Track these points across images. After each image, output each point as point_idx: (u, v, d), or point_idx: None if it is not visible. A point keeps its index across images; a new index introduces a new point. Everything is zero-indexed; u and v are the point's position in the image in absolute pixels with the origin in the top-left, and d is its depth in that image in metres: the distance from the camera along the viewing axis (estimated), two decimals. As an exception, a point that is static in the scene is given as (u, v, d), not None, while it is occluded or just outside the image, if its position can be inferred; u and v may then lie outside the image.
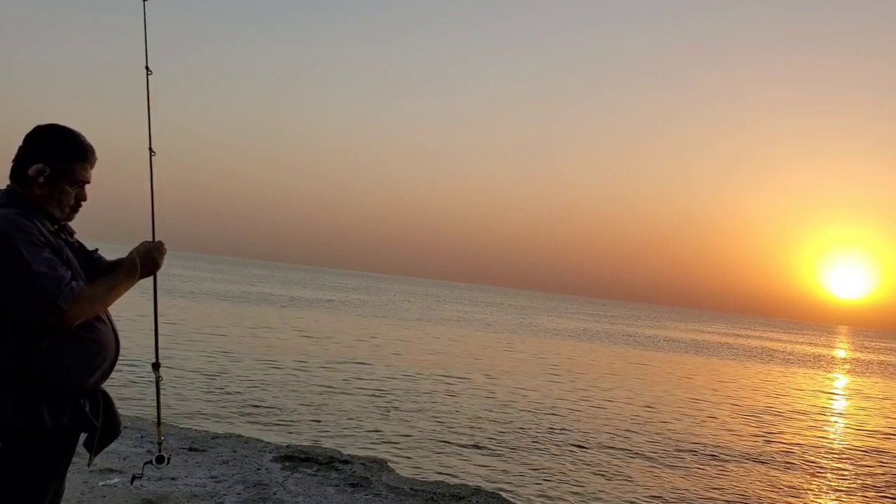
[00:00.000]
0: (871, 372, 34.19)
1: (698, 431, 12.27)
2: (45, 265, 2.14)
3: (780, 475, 9.66)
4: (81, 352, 2.26)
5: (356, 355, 17.82)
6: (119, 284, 2.32)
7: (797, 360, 36.98)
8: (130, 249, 2.49)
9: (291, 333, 21.70)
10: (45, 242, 2.20)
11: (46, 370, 2.19)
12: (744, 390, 19.95)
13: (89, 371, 2.29)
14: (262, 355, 15.81)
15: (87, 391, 2.33)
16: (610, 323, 58.61)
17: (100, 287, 2.27)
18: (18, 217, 2.19)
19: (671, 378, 21.02)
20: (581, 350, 28.27)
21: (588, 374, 19.50)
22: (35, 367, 2.18)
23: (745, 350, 41.26)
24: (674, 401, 15.91)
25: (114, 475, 5.36)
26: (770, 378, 24.95)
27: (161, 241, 2.56)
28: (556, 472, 8.53)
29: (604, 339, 37.01)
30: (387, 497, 5.93)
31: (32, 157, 2.29)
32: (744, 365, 29.78)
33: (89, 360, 2.28)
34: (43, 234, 2.22)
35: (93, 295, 2.22)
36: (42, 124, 2.36)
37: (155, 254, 2.47)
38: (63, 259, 2.24)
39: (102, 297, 2.26)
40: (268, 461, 6.53)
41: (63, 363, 2.22)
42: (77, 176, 2.34)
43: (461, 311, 49.73)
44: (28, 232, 2.17)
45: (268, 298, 38.66)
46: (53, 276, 2.14)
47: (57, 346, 2.21)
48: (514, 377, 16.94)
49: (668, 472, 9.15)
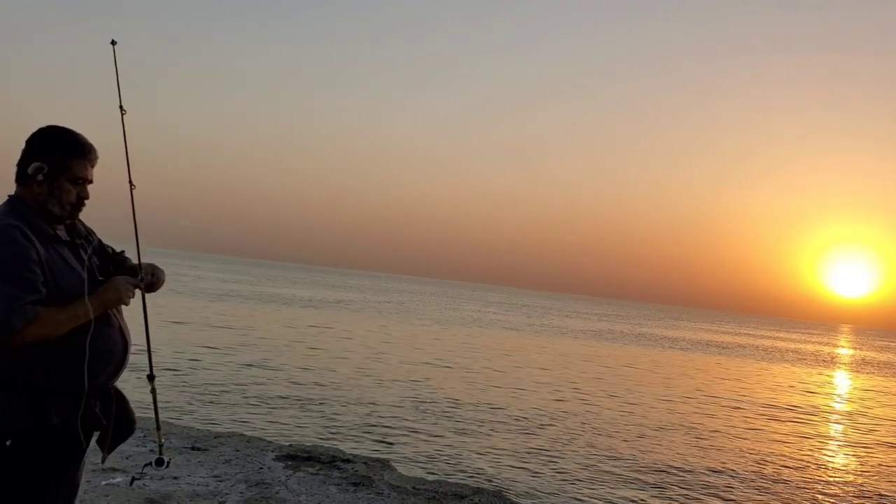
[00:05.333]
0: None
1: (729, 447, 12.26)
2: (6, 285, 2.13)
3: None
4: (85, 352, 2.26)
5: (361, 355, 17.83)
6: (80, 315, 2.27)
7: (850, 365, 36.80)
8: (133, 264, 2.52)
9: (293, 333, 21.71)
10: (22, 261, 2.18)
11: (48, 371, 2.20)
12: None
13: (94, 371, 2.29)
14: (264, 355, 15.83)
15: (97, 391, 2.33)
16: (623, 323, 58.62)
17: (61, 314, 2.23)
18: (3, 231, 2.19)
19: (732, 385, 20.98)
20: (601, 350, 28.28)
21: (607, 377, 19.50)
22: (36, 368, 2.19)
23: (782, 353, 40.93)
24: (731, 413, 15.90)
25: (116, 474, 5.37)
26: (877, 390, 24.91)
27: (152, 267, 2.54)
28: (560, 471, 8.53)
29: (627, 340, 37.02)
30: (389, 496, 5.94)
31: (32, 156, 2.33)
32: (803, 370, 29.76)
33: (93, 360, 2.28)
34: (28, 247, 2.20)
35: (52, 320, 2.20)
36: (42, 126, 2.39)
37: (122, 292, 2.41)
38: (44, 273, 2.22)
39: (61, 323, 2.22)
40: (270, 460, 6.54)
41: (64, 364, 2.22)
42: (75, 172, 2.35)
43: (469, 311, 49.75)
44: (4, 245, 2.17)
45: (275, 298, 38.68)
46: (9, 295, 2.13)
47: (58, 348, 2.21)
48: (516, 372, 16.94)
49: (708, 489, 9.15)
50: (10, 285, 2.15)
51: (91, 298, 2.31)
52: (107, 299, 2.36)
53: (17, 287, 2.16)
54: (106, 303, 2.35)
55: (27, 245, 2.21)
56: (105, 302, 2.35)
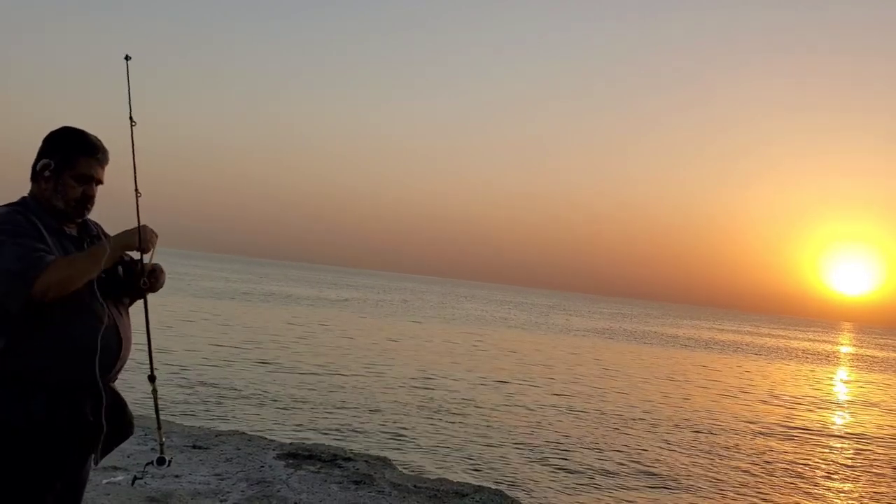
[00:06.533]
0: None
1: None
2: (18, 247, 2.17)
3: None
4: (75, 349, 2.24)
5: (362, 353, 17.84)
6: (99, 254, 2.29)
7: (860, 364, 36.72)
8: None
9: (294, 332, 21.71)
10: (29, 233, 2.23)
11: (39, 366, 2.19)
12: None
13: (84, 368, 2.27)
14: (265, 353, 15.84)
15: (87, 388, 2.31)
16: (626, 321, 58.60)
17: (78, 256, 2.28)
18: (8, 213, 2.27)
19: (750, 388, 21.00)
20: (605, 347, 28.28)
21: (602, 373, 19.50)
22: (26, 363, 2.18)
23: (788, 351, 40.85)
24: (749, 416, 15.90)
25: (118, 473, 5.37)
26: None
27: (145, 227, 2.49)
28: (562, 470, 8.53)
29: (631, 339, 37.03)
30: (390, 494, 5.94)
31: (43, 154, 2.40)
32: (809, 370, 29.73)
33: (84, 356, 2.26)
34: (36, 228, 2.26)
35: (70, 263, 2.22)
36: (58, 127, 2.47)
37: (133, 231, 2.42)
38: (51, 248, 2.26)
39: (80, 264, 2.25)
40: (271, 459, 6.54)
41: (55, 359, 2.21)
42: (81, 170, 2.37)
43: (470, 309, 49.74)
44: (10, 223, 2.22)
45: (276, 297, 38.69)
46: (22, 252, 2.16)
47: (49, 342, 2.20)
48: (522, 369, 16.95)
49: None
50: (23, 238, 2.20)
51: (113, 237, 2.39)
52: (127, 239, 2.39)
53: (31, 238, 2.22)
54: (127, 243, 2.39)
55: (30, 226, 2.27)
56: (126, 242, 2.38)
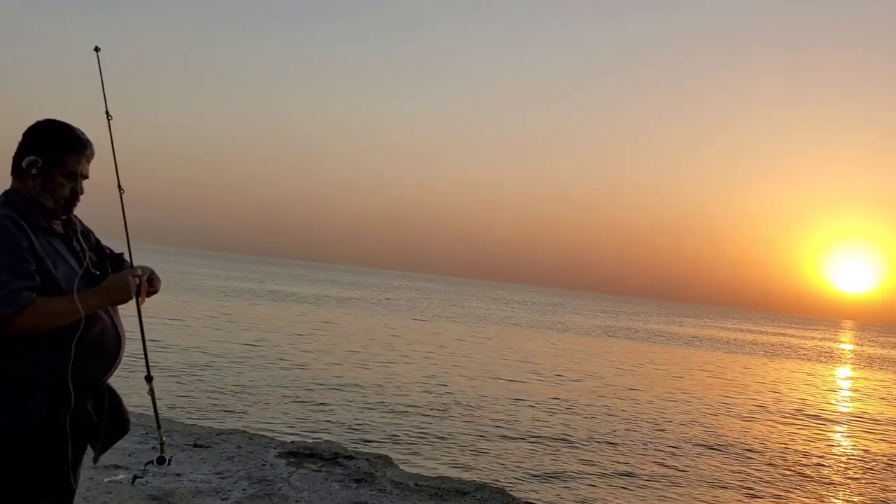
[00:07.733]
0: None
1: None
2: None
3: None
4: (76, 347, 2.23)
5: (363, 352, 17.84)
6: (75, 310, 2.22)
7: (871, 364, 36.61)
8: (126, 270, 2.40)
9: (295, 330, 21.72)
10: (13, 249, 2.16)
11: (39, 365, 2.18)
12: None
13: (86, 367, 2.26)
14: (266, 351, 15.84)
15: (89, 387, 2.30)
16: (629, 319, 58.59)
17: (56, 304, 2.20)
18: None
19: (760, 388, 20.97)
20: (611, 347, 28.28)
21: (604, 371, 19.49)
22: (26, 362, 2.17)
23: (798, 350, 40.70)
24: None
25: (119, 471, 5.37)
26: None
27: (147, 269, 2.45)
28: (563, 469, 8.53)
29: (635, 337, 37.01)
30: (391, 492, 5.93)
31: (27, 150, 2.32)
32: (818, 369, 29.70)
33: (86, 355, 2.25)
34: (24, 233, 2.19)
35: (49, 309, 2.17)
36: (39, 120, 2.37)
37: (127, 282, 2.34)
38: (37, 262, 2.19)
39: (55, 314, 2.19)
40: (272, 457, 6.54)
41: (56, 358, 2.20)
42: (69, 167, 2.33)
43: (473, 307, 49.74)
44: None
45: (277, 295, 38.71)
46: (2, 279, 2.10)
47: (48, 342, 2.19)
48: (524, 372, 16.95)
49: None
50: (1, 272, 2.12)
51: (91, 291, 2.28)
52: (113, 296, 2.30)
53: (9, 273, 2.13)
54: (111, 298, 2.31)
55: (19, 234, 2.19)
56: (110, 297, 2.30)
